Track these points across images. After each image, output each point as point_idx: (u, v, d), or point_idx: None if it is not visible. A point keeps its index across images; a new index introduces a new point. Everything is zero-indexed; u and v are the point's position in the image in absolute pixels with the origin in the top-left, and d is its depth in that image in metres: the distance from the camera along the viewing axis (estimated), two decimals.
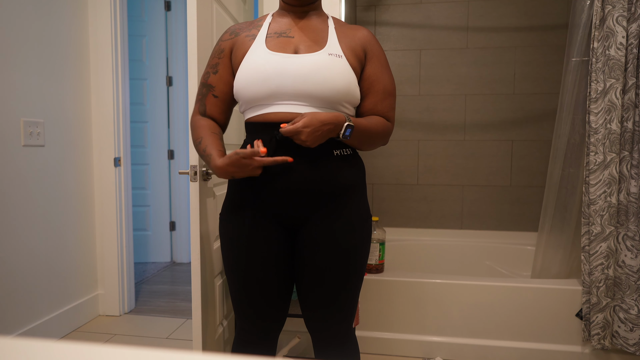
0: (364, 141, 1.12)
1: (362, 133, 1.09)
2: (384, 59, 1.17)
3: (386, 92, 1.16)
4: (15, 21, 1.89)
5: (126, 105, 2.47)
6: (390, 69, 1.25)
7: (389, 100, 1.17)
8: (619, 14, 1.72)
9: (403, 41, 2.76)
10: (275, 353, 1.24)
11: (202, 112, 1.19)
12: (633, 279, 1.75)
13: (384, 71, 1.16)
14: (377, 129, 1.13)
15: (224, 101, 1.19)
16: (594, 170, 1.79)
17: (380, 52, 1.17)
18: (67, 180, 2.21)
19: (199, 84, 1.21)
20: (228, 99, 1.19)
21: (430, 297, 1.95)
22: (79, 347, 0.38)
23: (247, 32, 1.17)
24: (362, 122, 1.10)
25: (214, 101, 1.18)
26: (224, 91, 1.17)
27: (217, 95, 1.17)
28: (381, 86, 1.15)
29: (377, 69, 1.15)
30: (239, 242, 1.13)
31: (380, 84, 1.15)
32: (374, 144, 1.15)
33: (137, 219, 3.51)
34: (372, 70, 1.15)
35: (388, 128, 1.17)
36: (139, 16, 3.36)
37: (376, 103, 1.16)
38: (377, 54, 1.16)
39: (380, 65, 1.16)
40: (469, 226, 2.76)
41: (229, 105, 1.20)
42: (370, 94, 1.16)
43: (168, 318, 2.43)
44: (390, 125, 1.18)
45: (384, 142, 1.19)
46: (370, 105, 1.16)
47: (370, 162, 2.84)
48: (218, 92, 1.17)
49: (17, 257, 1.92)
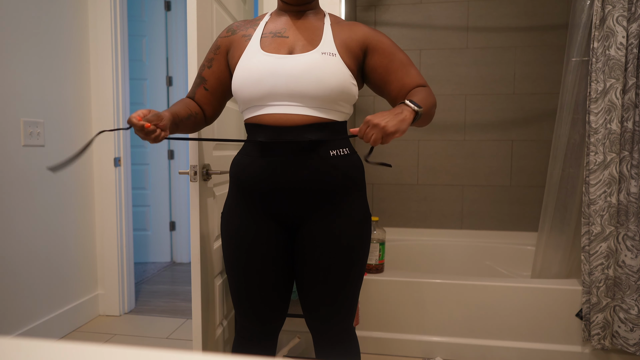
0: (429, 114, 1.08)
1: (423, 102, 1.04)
2: (387, 41, 1.15)
3: (405, 65, 1.14)
4: (15, 21, 1.89)
5: (126, 105, 2.47)
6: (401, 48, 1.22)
7: (413, 70, 1.14)
8: (619, 14, 1.72)
9: (403, 41, 2.76)
10: (275, 353, 1.24)
11: (191, 97, 1.23)
12: (633, 279, 1.75)
13: (395, 50, 1.15)
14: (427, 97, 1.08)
15: (214, 95, 1.21)
16: (594, 170, 1.79)
17: (381, 39, 1.15)
18: (67, 180, 2.21)
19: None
20: (217, 93, 1.21)
21: (430, 297, 1.95)
22: (79, 347, 0.38)
23: (244, 31, 1.18)
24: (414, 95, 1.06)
25: (204, 93, 1.21)
26: (214, 86, 1.20)
27: (208, 88, 1.21)
28: (397, 63, 1.14)
29: (386, 52, 1.14)
30: (240, 241, 1.13)
31: (396, 62, 1.14)
32: (432, 113, 1.10)
33: (137, 219, 3.51)
34: (381, 58, 1.14)
35: (431, 93, 1.11)
36: (139, 16, 3.36)
37: (402, 78, 1.13)
38: (381, 40, 1.15)
39: (387, 47, 1.14)
40: (469, 226, 2.76)
41: (218, 99, 1.23)
42: (391, 76, 1.14)
43: (168, 318, 2.43)
44: (430, 89, 1.13)
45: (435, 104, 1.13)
46: (399, 84, 1.14)
47: None
48: (209, 86, 1.21)
49: (17, 257, 1.92)
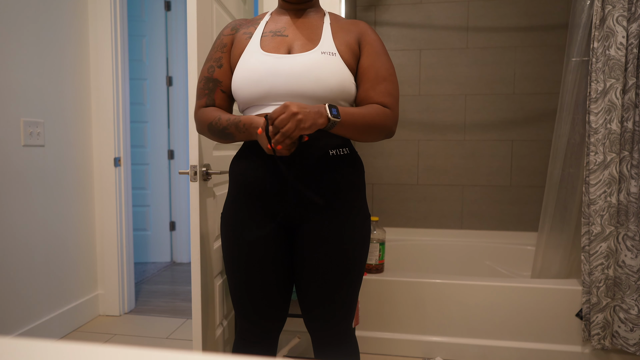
0: (359, 129, 1.03)
1: (353, 118, 1.01)
2: (377, 45, 1.13)
3: (379, 78, 1.09)
4: (15, 21, 1.89)
5: (126, 105, 2.47)
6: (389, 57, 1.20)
7: (383, 85, 1.09)
8: (619, 14, 1.72)
9: (403, 41, 2.76)
10: (276, 353, 1.24)
11: (212, 104, 1.16)
12: (633, 279, 1.75)
13: (378, 57, 1.12)
14: (371, 115, 1.04)
15: (230, 97, 1.17)
16: (594, 170, 1.79)
17: (373, 39, 1.14)
18: (67, 180, 2.21)
19: (202, 77, 1.17)
20: (231, 95, 1.17)
21: (430, 297, 1.95)
22: (79, 347, 0.38)
23: (245, 29, 1.17)
24: (352, 108, 1.03)
25: (222, 96, 1.16)
26: (229, 86, 1.16)
27: (225, 90, 1.15)
28: (372, 73, 1.10)
29: (370, 56, 1.12)
30: (240, 242, 1.13)
31: (372, 71, 1.10)
32: (371, 132, 1.05)
33: (137, 219, 3.51)
34: (364, 59, 1.12)
35: (386, 115, 1.07)
36: (139, 16, 3.36)
37: (367, 90, 1.10)
38: (371, 42, 1.13)
39: (373, 52, 1.12)
40: (469, 226, 2.76)
41: (233, 101, 1.19)
42: (362, 83, 1.11)
43: (168, 318, 2.43)
44: (389, 111, 1.08)
45: (387, 131, 1.08)
46: (363, 94, 1.11)
47: (370, 162, 2.84)
48: (224, 87, 1.15)
49: (17, 257, 1.92)
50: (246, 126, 1.04)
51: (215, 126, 1.09)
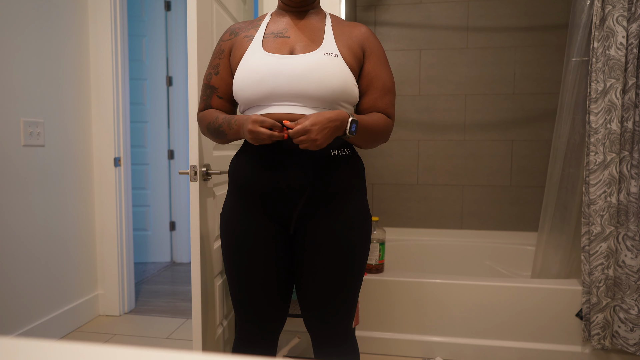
0: (367, 138, 1.12)
1: (365, 129, 1.09)
2: (382, 55, 1.17)
3: (385, 89, 1.16)
4: (15, 21, 1.89)
5: (126, 105, 2.47)
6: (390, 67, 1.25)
7: (389, 97, 1.17)
8: (619, 14, 1.72)
9: (403, 41, 2.76)
10: (276, 353, 1.24)
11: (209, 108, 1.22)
12: (633, 279, 1.75)
13: (383, 68, 1.16)
14: (379, 126, 1.12)
15: (229, 101, 1.21)
16: (594, 170, 1.79)
17: (378, 48, 1.17)
18: (67, 180, 2.21)
19: (202, 84, 1.23)
20: (231, 98, 1.21)
21: (430, 297, 1.95)
22: (79, 347, 0.38)
23: (245, 32, 1.18)
24: (365, 118, 1.10)
25: (219, 102, 1.20)
26: (227, 92, 1.20)
27: (222, 96, 1.20)
28: (380, 83, 1.15)
29: (376, 65, 1.15)
30: (240, 242, 1.13)
31: (379, 81, 1.15)
32: (376, 140, 1.15)
33: (137, 219, 3.50)
34: (371, 67, 1.15)
35: (389, 124, 1.16)
36: (139, 16, 3.36)
37: (376, 100, 1.16)
38: (376, 51, 1.16)
39: (379, 62, 1.16)
40: (469, 226, 2.76)
41: (232, 103, 1.23)
42: (370, 91, 1.16)
43: (168, 318, 2.43)
44: (391, 122, 1.17)
45: (385, 139, 1.18)
46: (370, 102, 1.16)
47: (370, 162, 2.84)
48: (222, 93, 1.19)
49: (17, 257, 1.92)
50: (237, 123, 1.07)
51: (212, 125, 1.15)
